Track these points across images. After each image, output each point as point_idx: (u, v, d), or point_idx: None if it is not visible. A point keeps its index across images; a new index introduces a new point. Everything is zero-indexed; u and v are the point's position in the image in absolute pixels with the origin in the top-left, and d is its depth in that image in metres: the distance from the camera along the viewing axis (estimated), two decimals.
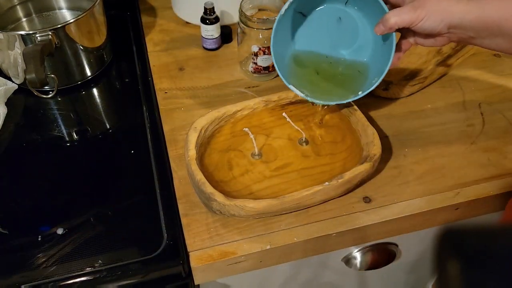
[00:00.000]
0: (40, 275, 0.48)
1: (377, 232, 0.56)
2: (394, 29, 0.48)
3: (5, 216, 0.54)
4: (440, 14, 0.45)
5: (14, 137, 0.64)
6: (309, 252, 0.56)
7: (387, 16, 0.47)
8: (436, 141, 0.64)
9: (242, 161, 0.58)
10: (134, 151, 0.61)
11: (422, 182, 0.58)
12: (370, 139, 0.56)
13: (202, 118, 0.57)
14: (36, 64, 0.58)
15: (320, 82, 0.58)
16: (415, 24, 0.46)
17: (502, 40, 0.45)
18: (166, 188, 0.57)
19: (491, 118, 0.67)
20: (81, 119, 0.67)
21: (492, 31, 0.44)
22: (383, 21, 0.47)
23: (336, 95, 0.57)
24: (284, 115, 0.62)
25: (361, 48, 0.57)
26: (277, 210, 0.51)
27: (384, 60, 0.52)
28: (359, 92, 0.55)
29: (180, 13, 0.84)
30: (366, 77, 0.56)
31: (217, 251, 0.51)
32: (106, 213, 0.54)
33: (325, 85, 0.58)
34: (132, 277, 0.49)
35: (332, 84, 0.58)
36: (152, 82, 0.72)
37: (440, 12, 0.44)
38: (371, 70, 0.56)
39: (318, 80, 0.58)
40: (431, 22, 0.45)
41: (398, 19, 0.46)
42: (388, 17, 0.46)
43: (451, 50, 0.77)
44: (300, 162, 0.59)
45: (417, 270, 0.79)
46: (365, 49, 0.57)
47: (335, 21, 0.56)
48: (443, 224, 0.60)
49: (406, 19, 0.46)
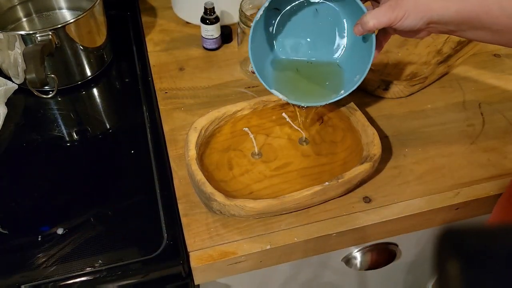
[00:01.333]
0: (40, 275, 0.48)
1: (377, 232, 0.56)
2: (373, 31, 0.48)
3: (5, 216, 0.54)
4: (420, 12, 0.44)
5: (14, 137, 0.64)
6: (309, 252, 0.56)
7: (366, 19, 0.46)
8: (436, 141, 0.64)
9: (242, 161, 0.58)
10: (134, 151, 0.61)
11: (422, 182, 0.58)
12: (370, 139, 0.56)
13: (202, 118, 0.57)
14: (36, 64, 0.58)
15: (303, 83, 0.58)
16: (394, 24, 0.45)
17: (484, 33, 0.45)
18: (166, 188, 0.57)
19: (491, 118, 0.67)
20: (81, 119, 0.67)
21: (473, 24, 0.44)
22: (362, 24, 0.46)
23: (319, 95, 0.56)
24: (284, 115, 0.62)
25: (341, 45, 0.56)
26: (277, 210, 0.51)
27: (364, 56, 0.51)
28: (341, 91, 0.54)
29: (180, 13, 0.84)
30: (348, 75, 0.55)
31: (217, 251, 0.51)
32: (106, 213, 0.54)
33: (307, 86, 0.58)
34: (132, 277, 0.49)
35: (314, 84, 0.58)
36: (152, 82, 0.72)
37: (419, 10, 0.44)
38: (352, 67, 0.55)
39: (300, 81, 0.58)
40: (410, 21, 0.44)
41: (376, 22, 0.45)
42: (367, 21, 0.46)
43: (451, 50, 0.77)
44: (300, 161, 0.59)
45: (417, 270, 0.79)
46: (344, 45, 0.56)
47: (312, 17, 0.55)
48: (443, 224, 0.60)
49: (384, 21, 0.45)
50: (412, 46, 0.79)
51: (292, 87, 0.57)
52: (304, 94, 0.56)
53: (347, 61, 0.57)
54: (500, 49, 0.80)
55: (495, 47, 0.81)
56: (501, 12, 0.42)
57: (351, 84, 0.53)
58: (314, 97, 0.56)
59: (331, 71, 0.57)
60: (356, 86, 0.53)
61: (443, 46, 0.79)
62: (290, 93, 0.55)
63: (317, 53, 0.58)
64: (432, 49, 0.78)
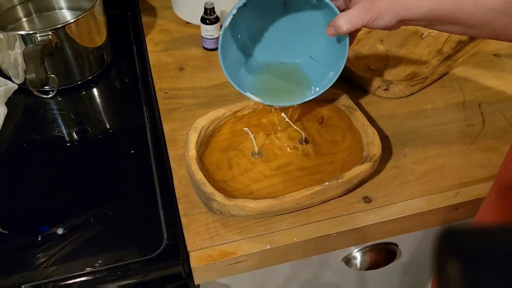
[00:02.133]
0: (40, 275, 0.48)
1: (377, 232, 0.56)
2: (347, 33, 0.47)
3: (5, 216, 0.54)
4: (394, 11, 0.43)
5: (14, 137, 0.64)
6: (309, 252, 0.55)
7: (339, 24, 0.45)
8: (436, 141, 0.64)
9: (242, 161, 0.58)
10: (134, 151, 0.61)
11: (422, 182, 0.58)
12: (370, 139, 0.56)
13: (202, 118, 0.57)
14: (36, 64, 0.58)
15: (278, 84, 0.57)
16: (368, 25, 0.45)
17: (455, 27, 0.44)
18: (166, 188, 0.57)
19: (491, 118, 0.67)
20: (81, 119, 0.67)
21: (446, 20, 0.44)
22: (335, 27, 0.46)
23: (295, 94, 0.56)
24: (283, 115, 0.62)
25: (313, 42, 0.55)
26: (277, 210, 0.51)
27: (339, 52, 0.51)
28: (317, 88, 0.54)
29: (180, 13, 0.84)
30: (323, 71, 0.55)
31: (217, 251, 0.51)
32: (106, 213, 0.54)
33: (283, 85, 0.57)
34: (132, 277, 0.49)
35: (289, 83, 0.57)
36: (152, 82, 0.72)
37: (393, 9, 0.43)
38: (327, 63, 0.55)
39: (275, 81, 0.57)
40: (384, 21, 0.44)
41: (350, 27, 0.45)
42: (340, 25, 0.45)
43: (451, 50, 0.77)
44: (300, 161, 0.59)
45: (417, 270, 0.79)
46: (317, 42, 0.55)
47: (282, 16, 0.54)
48: (443, 224, 0.60)
49: (358, 24, 0.44)
50: (412, 46, 0.79)
51: (267, 88, 0.56)
52: (280, 95, 0.56)
53: (321, 56, 0.56)
54: (500, 49, 0.80)
55: (495, 47, 0.81)
56: (475, 8, 0.42)
57: (326, 80, 0.53)
58: (290, 97, 0.55)
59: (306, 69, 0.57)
60: (331, 84, 0.52)
61: (444, 46, 0.79)
62: (265, 95, 0.55)
63: (290, 52, 0.57)
64: (432, 49, 0.78)
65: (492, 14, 0.41)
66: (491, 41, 0.82)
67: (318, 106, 0.64)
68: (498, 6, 0.41)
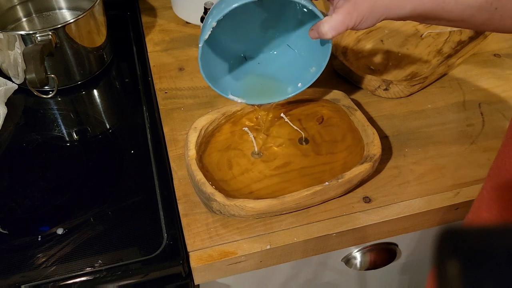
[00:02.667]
0: (40, 275, 0.48)
1: (377, 232, 0.56)
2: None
3: (5, 216, 0.54)
4: (377, 13, 0.44)
5: (14, 137, 0.64)
6: (309, 252, 0.55)
7: (324, 31, 0.44)
8: (436, 141, 0.64)
9: (242, 160, 0.58)
10: (134, 151, 0.61)
11: (422, 182, 0.58)
12: (370, 139, 0.56)
13: (202, 118, 0.57)
14: (36, 64, 0.58)
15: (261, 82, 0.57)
16: (352, 29, 0.45)
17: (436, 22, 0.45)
18: (166, 188, 0.57)
19: (491, 118, 0.67)
20: (81, 119, 0.67)
21: (428, 17, 0.45)
22: (319, 34, 0.45)
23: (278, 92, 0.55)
24: (282, 115, 0.62)
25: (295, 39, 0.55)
26: (277, 210, 0.51)
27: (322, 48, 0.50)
28: (299, 83, 0.53)
29: (180, 13, 0.84)
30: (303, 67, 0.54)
31: (217, 251, 0.51)
32: (106, 213, 0.54)
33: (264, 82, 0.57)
34: (132, 277, 0.49)
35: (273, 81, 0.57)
36: (152, 82, 0.72)
37: (376, 11, 0.44)
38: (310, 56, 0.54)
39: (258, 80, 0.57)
40: (368, 23, 0.45)
41: (335, 33, 0.44)
42: (325, 32, 0.44)
43: (451, 50, 0.77)
44: (300, 161, 0.59)
45: (417, 270, 0.79)
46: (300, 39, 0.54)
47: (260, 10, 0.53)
48: (443, 224, 0.60)
49: (342, 30, 0.44)
50: (412, 46, 0.79)
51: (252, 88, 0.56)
52: (262, 93, 0.55)
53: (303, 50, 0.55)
54: (500, 49, 0.80)
55: (495, 47, 0.81)
56: (455, 6, 0.42)
57: (309, 76, 0.53)
58: (273, 94, 0.55)
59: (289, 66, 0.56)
60: (314, 79, 0.52)
61: (443, 46, 0.79)
62: (249, 95, 0.54)
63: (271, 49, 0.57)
64: (432, 49, 0.78)
65: (472, 11, 0.42)
66: (491, 41, 0.82)
67: (318, 106, 0.64)
68: (478, 3, 0.42)
